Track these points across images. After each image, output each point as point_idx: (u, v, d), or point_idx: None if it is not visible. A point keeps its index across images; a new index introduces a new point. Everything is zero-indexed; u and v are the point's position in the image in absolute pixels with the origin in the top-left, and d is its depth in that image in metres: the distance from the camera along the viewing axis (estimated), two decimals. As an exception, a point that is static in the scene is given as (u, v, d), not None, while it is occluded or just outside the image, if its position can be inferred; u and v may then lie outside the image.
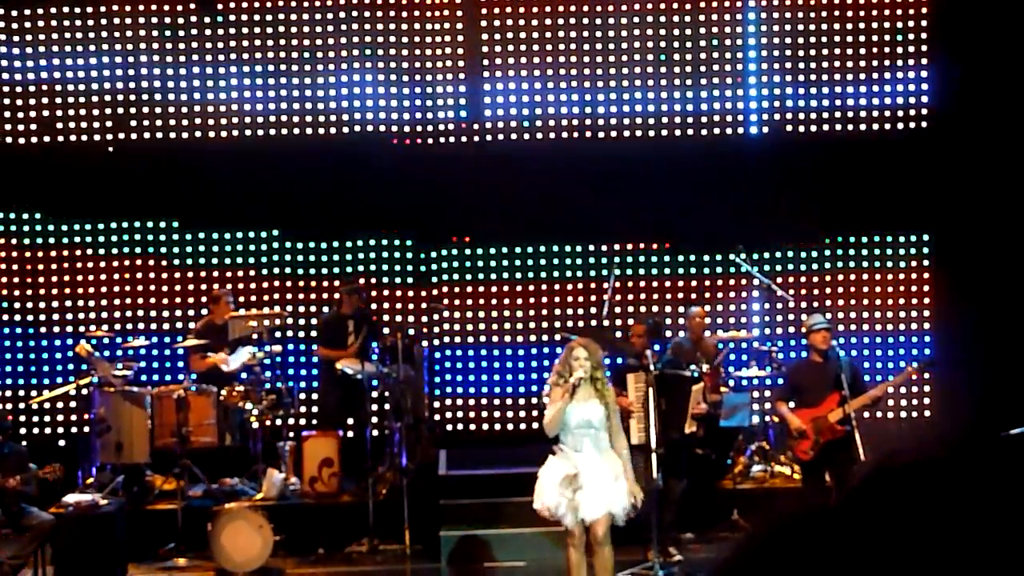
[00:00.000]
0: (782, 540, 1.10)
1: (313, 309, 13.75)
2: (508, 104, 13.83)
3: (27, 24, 13.59)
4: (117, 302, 13.72)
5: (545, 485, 8.93)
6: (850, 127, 13.82)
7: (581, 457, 8.87)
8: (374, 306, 13.69)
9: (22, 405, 13.41)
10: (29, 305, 13.73)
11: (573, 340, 9.29)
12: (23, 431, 13.28)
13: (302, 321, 13.69)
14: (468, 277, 13.88)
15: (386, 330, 13.13)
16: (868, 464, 1.32)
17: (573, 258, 13.90)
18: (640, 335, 11.09)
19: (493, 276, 13.88)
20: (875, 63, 13.81)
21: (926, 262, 13.91)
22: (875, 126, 13.83)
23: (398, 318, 13.66)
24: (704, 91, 13.83)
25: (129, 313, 13.70)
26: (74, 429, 13.19)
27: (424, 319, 13.76)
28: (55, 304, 13.70)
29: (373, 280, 13.80)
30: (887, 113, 13.82)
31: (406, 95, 13.80)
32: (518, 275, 13.90)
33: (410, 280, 13.85)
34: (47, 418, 13.56)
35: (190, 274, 13.76)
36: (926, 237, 13.90)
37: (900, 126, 13.83)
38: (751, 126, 13.89)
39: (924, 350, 13.80)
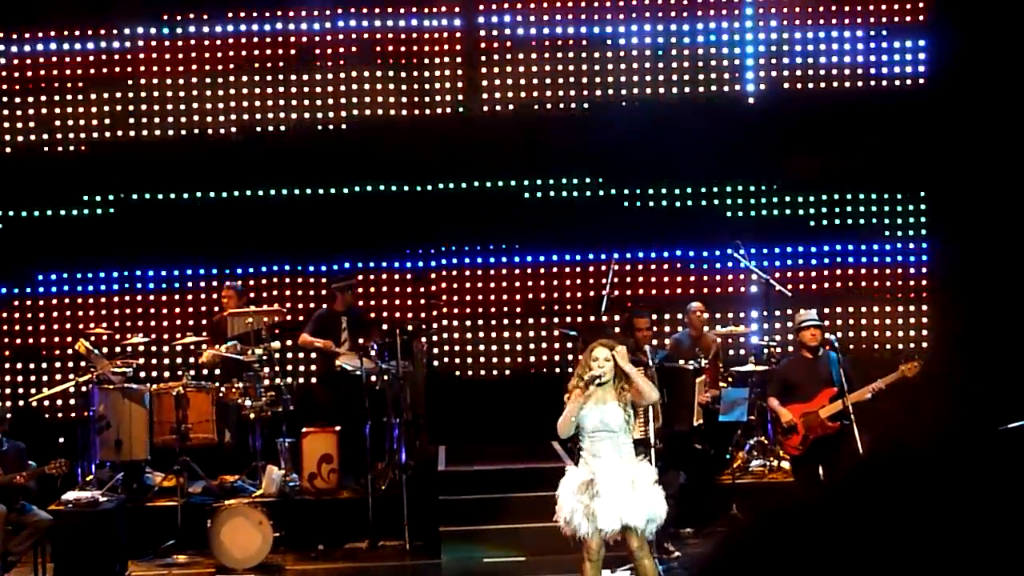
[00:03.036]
0: (766, 532, 1.11)
1: (312, 306, 13.76)
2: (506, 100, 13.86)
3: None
4: (116, 299, 13.72)
5: (562, 495, 8.37)
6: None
7: (600, 463, 8.28)
8: (373, 302, 13.70)
9: (21, 403, 13.41)
10: (28, 303, 13.73)
11: (595, 340, 8.71)
12: (22, 428, 13.27)
13: (301, 318, 13.69)
14: (467, 273, 13.89)
15: (384, 326, 13.14)
16: (857, 458, 1.33)
17: (572, 253, 13.91)
18: (643, 328, 11.09)
19: (492, 272, 13.89)
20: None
21: (924, 257, 13.93)
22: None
23: (396, 314, 13.68)
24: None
25: (128, 311, 13.71)
26: (74, 426, 13.18)
27: (422, 314, 13.76)
28: (54, 302, 13.70)
29: (371, 276, 13.80)
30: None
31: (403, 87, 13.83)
32: (516, 270, 13.90)
33: (408, 276, 13.86)
34: (47, 415, 13.55)
35: (189, 271, 13.78)
36: (924, 232, 13.91)
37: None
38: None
39: (922, 344, 13.82)
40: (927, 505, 1.12)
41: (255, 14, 13.64)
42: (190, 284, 13.79)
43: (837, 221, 13.91)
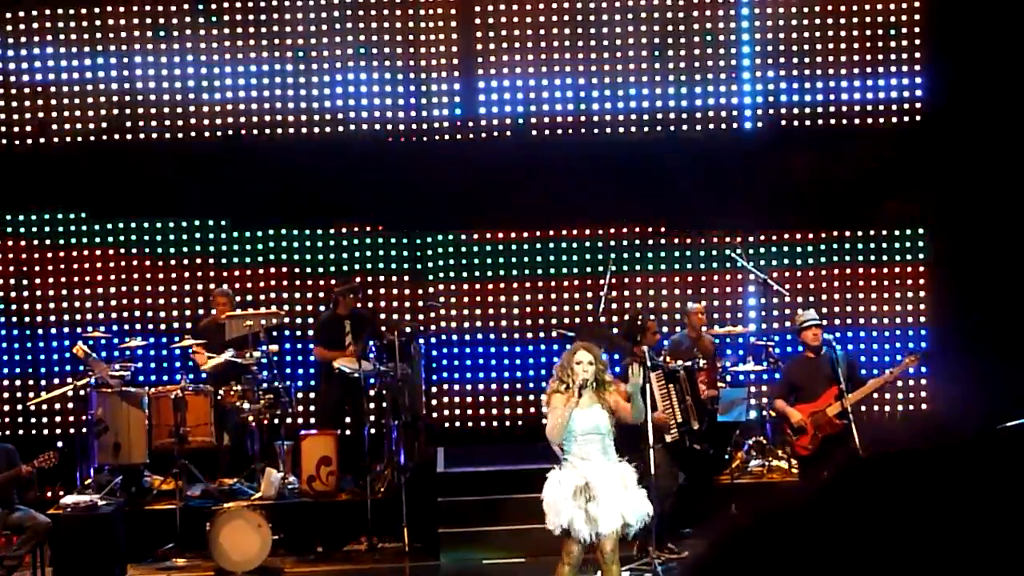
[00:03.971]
0: (756, 534, 1.11)
1: (310, 308, 13.74)
2: (503, 101, 13.83)
3: (22, 26, 13.59)
4: (114, 303, 13.70)
5: (556, 502, 8.27)
6: (844, 121, 13.86)
7: (589, 466, 8.23)
8: (371, 304, 13.68)
9: (20, 406, 13.39)
10: (26, 306, 13.72)
11: (575, 343, 8.74)
12: (21, 432, 13.27)
13: (299, 320, 13.69)
14: (464, 274, 13.88)
15: (383, 327, 13.13)
16: (851, 458, 1.33)
17: (569, 254, 13.91)
18: (654, 331, 11.15)
19: (489, 272, 13.88)
20: (869, 58, 13.84)
21: (921, 255, 13.94)
22: (869, 120, 13.86)
23: (394, 316, 13.67)
24: (699, 86, 13.87)
25: (126, 314, 13.69)
26: (72, 430, 13.18)
27: (420, 316, 13.76)
28: (52, 305, 13.69)
29: (369, 278, 13.80)
30: (881, 107, 13.85)
31: (400, 92, 13.80)
32: (514, 271, 13.90)
33: (406, 278, 13.86)
34: (45, 419, 13.55)
35: (186, 273, 13.76)
36: (921, 231, 13.93)
37: (895, 120, 13.86)
38: (746, 121, 13.92)
39: (920, 343, 13.82)
40: (921, 505, 1.11)
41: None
42: (188, 287, 13.77)
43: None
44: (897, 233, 13.94)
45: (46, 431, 13.54)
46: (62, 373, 13.42)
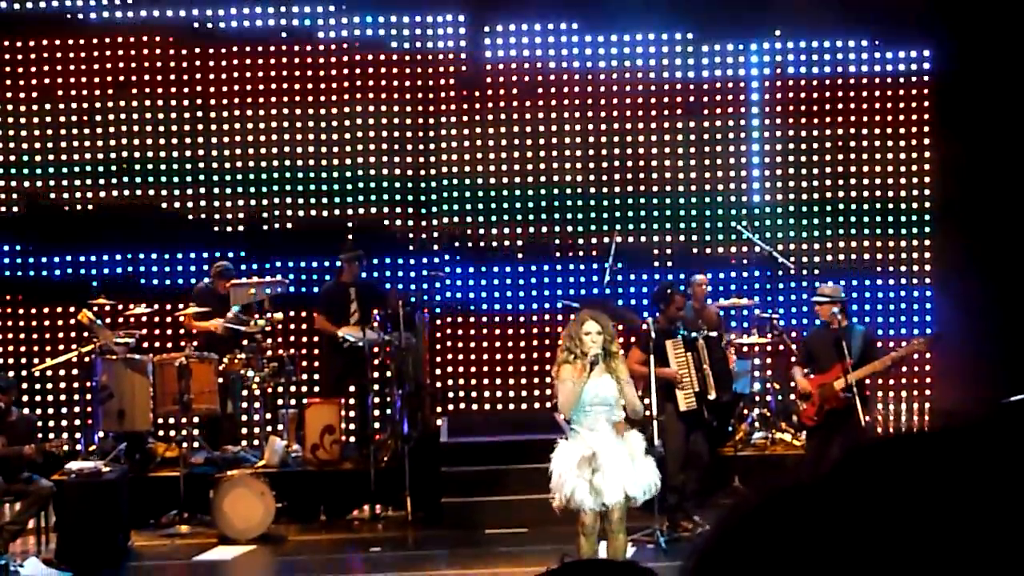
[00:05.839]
0: (763, 514, 1.10)
1: (315, 277, 13.73)
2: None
3: None
4: (119, 270, 13.71)
5: (561, 472, 8.20)
6: (852, 92, 13.81)
7: (597, 437, 8.16)
8: (376, 274, 13.68)
9: (24, 373, 13.41)
10: (32, 274, 13.72)
11: (581, 312, 8.62)
12: (26, 399, 13.29)
13: (304, 289, 13.67)
14: (469, 244, 13.86)
15: (389, 297, 13.12)
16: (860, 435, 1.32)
17: (575, 224, 13.88)
18: (681, 304, 11.14)
19: (494, 244, 13.86)
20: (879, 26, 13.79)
21: (927, 228, 13.91)
22: (877, 92, 13.81)
23: (399, 285, 13.67)
24: (706, 57, 13.82)
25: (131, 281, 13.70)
26: (76, 397, 13.19)
27: (425, 286, 13.75)
28: (57, 272, 13.69)
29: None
30: (890, 80, 13.80)
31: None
32: (520, 241, 13.87)
33: (410, 248, 13.84)
34: (49, 386, 13.57)
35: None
36: (927, 204, 13.89)
37: (902, 92, 13.81)
38: (752, 81, 13.86)
39: (925, 317, 13.81)
40: (933, 485, 1.10)
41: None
42: (192, 267, 13.76)
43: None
44: (903, 207, 13.90)
45: (51, 398, 13.57)
46: (67, 340, 13.41)
